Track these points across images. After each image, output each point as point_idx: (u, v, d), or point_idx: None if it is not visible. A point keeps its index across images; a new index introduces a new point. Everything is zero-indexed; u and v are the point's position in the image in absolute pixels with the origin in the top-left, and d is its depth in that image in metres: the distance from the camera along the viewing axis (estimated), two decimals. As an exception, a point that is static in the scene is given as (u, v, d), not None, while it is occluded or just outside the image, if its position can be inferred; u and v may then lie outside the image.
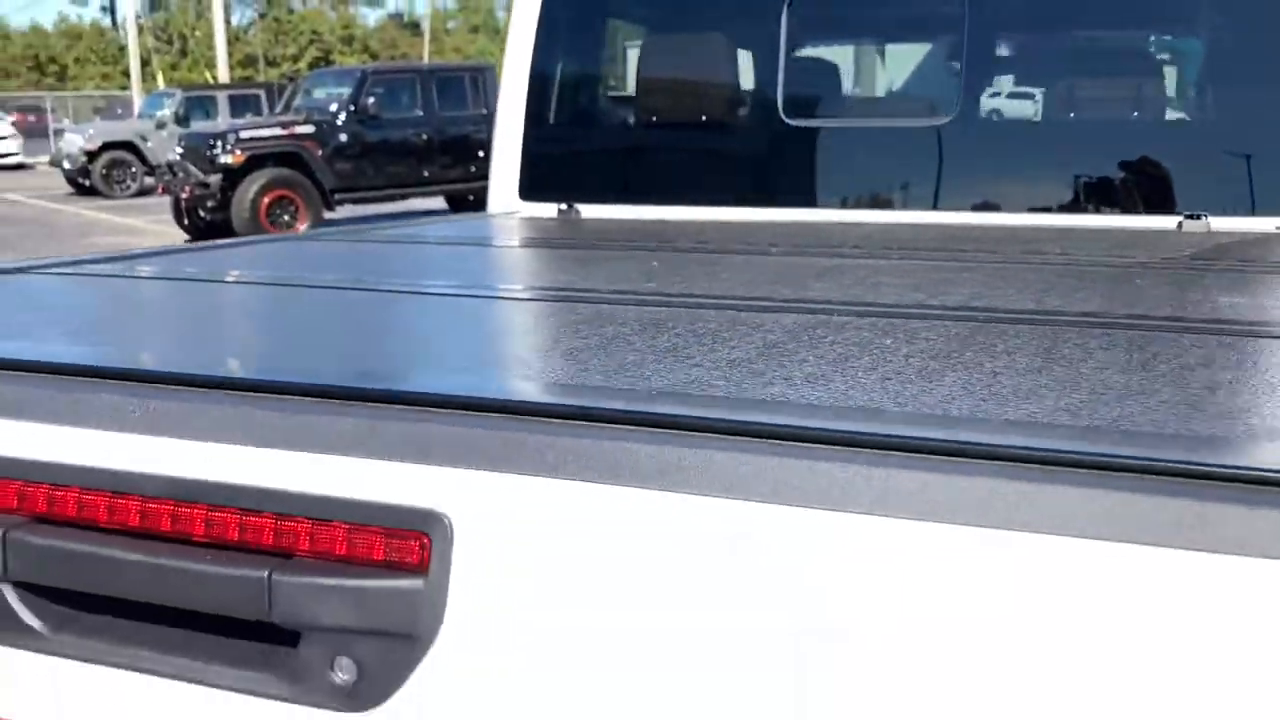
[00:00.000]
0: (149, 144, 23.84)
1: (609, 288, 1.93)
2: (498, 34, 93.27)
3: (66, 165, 24.21)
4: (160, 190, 17.77)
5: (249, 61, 65.23)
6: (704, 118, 3.01)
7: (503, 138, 3.03)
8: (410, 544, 0.84)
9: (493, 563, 0.83)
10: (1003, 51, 2.95)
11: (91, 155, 23.46)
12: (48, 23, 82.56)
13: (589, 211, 2.93)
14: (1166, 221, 2.50)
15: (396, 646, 0.85)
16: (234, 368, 1.22)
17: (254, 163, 15.52)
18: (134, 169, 23.75)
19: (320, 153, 15.84)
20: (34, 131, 39.97)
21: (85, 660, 0.96)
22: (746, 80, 3.02)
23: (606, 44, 3.11)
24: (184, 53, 68.23)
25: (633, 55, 3.18)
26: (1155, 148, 2.66)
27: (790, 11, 2.74)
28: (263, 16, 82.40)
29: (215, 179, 15.46)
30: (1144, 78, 2.85)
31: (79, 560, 0.94)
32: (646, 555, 0.80)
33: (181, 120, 24.65)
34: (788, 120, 2.77)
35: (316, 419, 0.91)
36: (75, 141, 24.24)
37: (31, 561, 0.96)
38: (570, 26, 3.03)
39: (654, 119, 3.05)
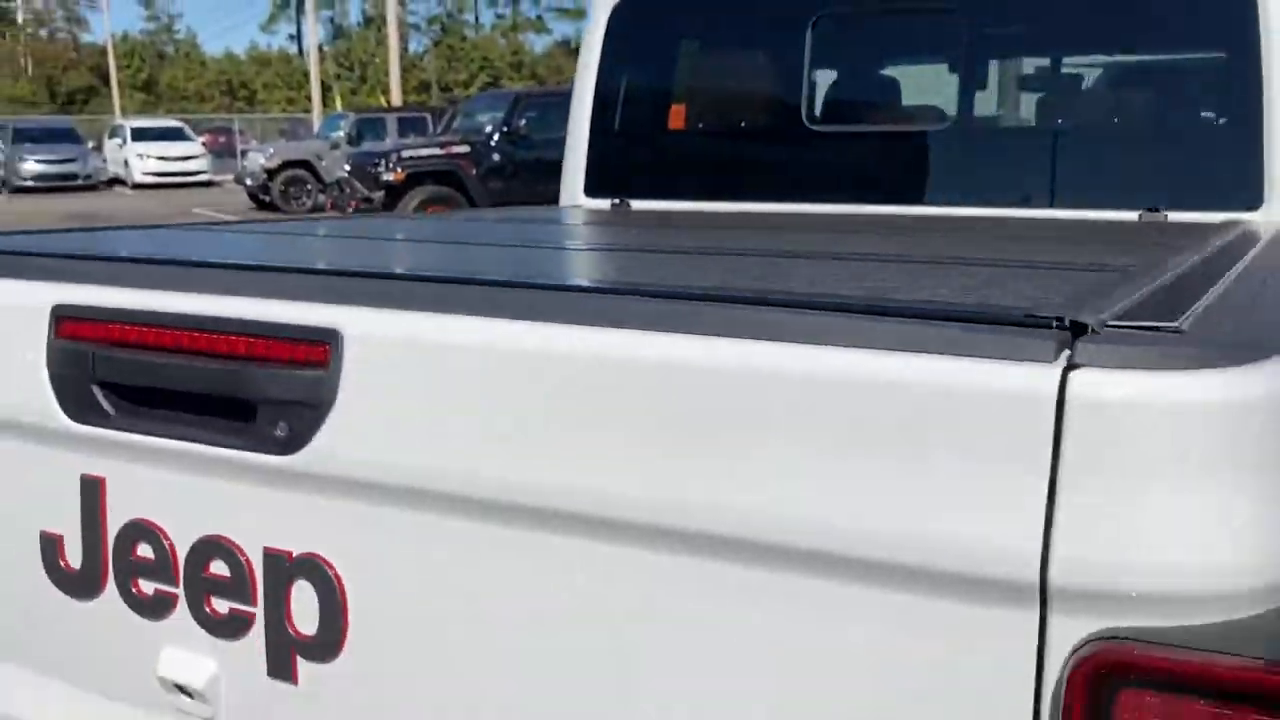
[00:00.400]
0: (324, 163, 25.36)
1: (598, 242, 2.47)
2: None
3: (249, 182, 25.89)
4: (329, 205, 19.02)
5: (423, 87, 68.15)
6: (727, 128, 3.52)
7: (571, 151, 3.61)
8: (320, 349, 1.37)
9: (367, 359, 1.36)
10: (991, 73, 3.36)
11: (271, 173, 25.08)
12: (240, 50, 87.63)
13: (636, 205, 3.47)
14: (1129, 215, 2.87)
15: (311, 412, 1.38)
16: (235, 258, 1.80)
17: (413, 180, 16.51)
18: (309, 186, 25.25)
19: (474, 171, 16.72)
20: (223, 151, 42.84)
21: (140, 433, 1.52)
22: (766, 94, 3.49)
23: (648, 77, 3.62)
24: (363, 78, 71.72)
25: (670, 84, 3.70)
26: (1122, 152, 3.02)
27: (812, 37, 3.21)
28: (437, 44, 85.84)
29: (378, 195, 16.52)
30: (1115, 95, 3.22)
31: (138, 366, 1.50)
32: (460, 357, 1.31)
33: (354, 141, 26.14)
34: (816, 132, 3.25)
35: (276, 280, 1.48)
36: (257, 160, 25.96)
37: (110, 368, 1.52)
38: (622, 66, 3.57)
39: (683, 135, 3.58)
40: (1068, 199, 2.95)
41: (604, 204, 3.52)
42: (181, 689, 1.54)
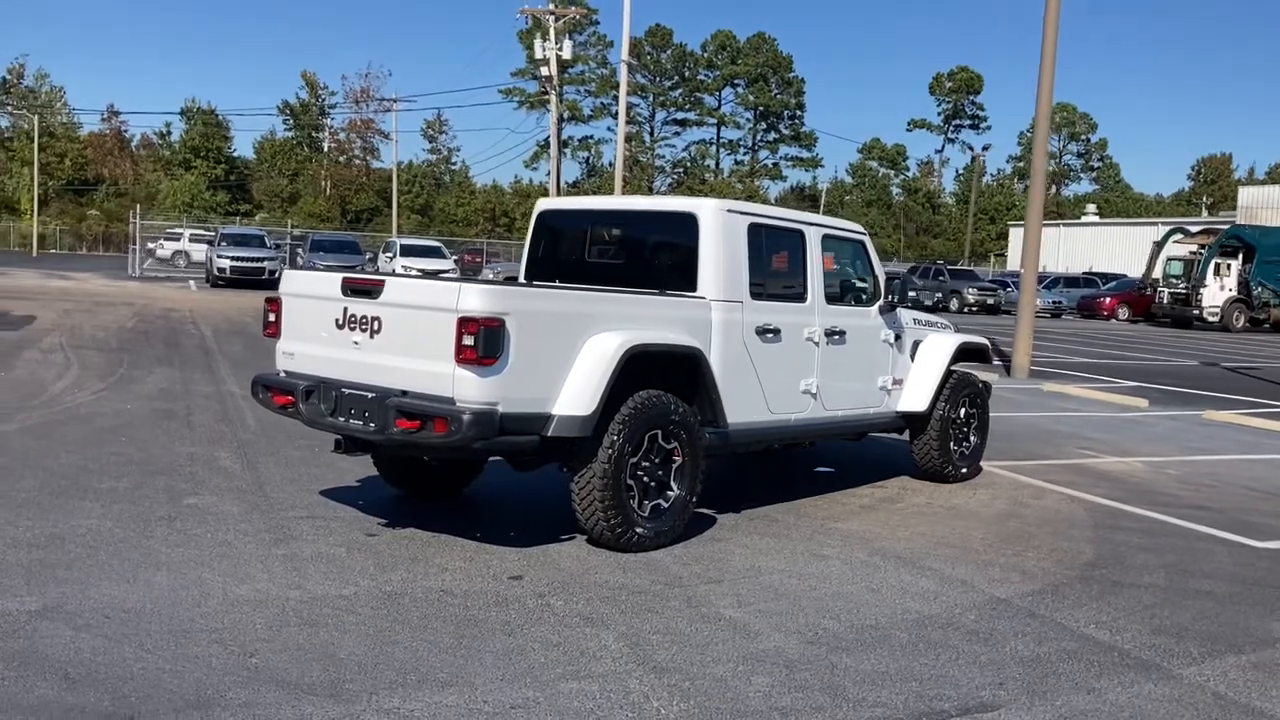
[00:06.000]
0: (540, 280, 31.40)
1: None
2: (889, 208, 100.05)
3: (481, 292, 32.24)
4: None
5: (659, 222, 74.88)
6: (565, 262, 8.37)
7: (522, 267, 8.68)
8: None
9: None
10: (620, 252, 8.24)
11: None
12: (505, 183, 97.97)
13: (536, 283, 8.56)
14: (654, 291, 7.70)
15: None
16: None
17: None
18: (527, 298, 31.27)
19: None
20: (476, 268, 50.53)
21: (350, 296, 6.67)
22: (576, 249, 8.32)
23: (546, 241, 8.50)
24: (607, 212, 79.54)
25: (550, 244, 8.61)
26: (657, 275, 7.68)
27: (589, 241, 8.24)
28: (678, 185, 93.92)
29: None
30: (646, 259, 7.98)
31: (359, 286, 6.68)
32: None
33: (566, 264, 32.01)
34: (588, 261, 8.26)
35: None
36: (488, 275, 32.36)
37: (351, 284, 6.68)
38: (538, 236, 8.45)
39: (555, 263, 8.49)
40: (646, 285, 7.66)
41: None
42: (355, 345, 6.45)
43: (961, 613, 5.70)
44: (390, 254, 39.35)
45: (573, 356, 6.18)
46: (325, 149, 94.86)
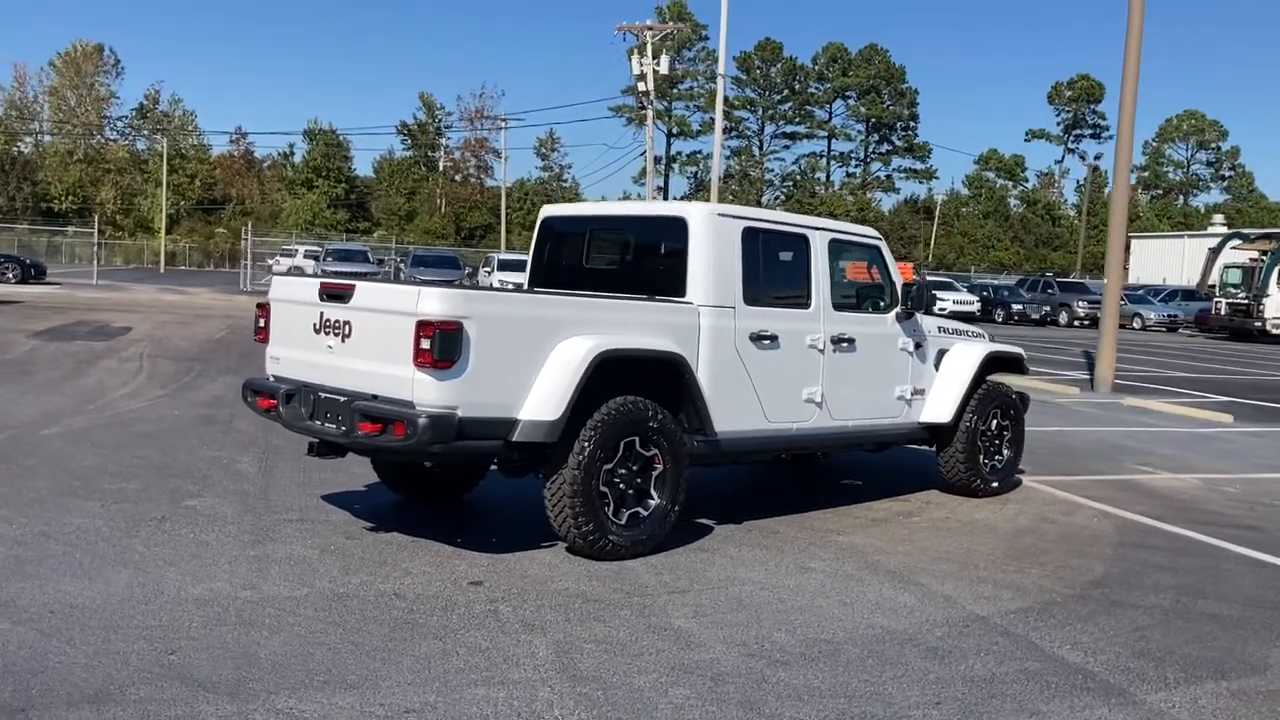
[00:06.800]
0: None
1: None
2: (1007, 219, 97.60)
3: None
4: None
5: (766, 236, 74.44)
6: (565, 266, 8.33)
7: (527, 273, 8.65)
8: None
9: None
10: (615, 257, 8.16)
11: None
12: (614, 198, 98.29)
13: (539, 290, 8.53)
14: (644, 297, 7.60)
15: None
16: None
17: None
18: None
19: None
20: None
21: (342, 306, 6.73)
22: (575, 256, 8.26)
23: (549, 248, 8.44)
24: (714, 227, 79.50)
25: (553, 251, 8.58)
26: (645, 280, 7.61)
27: (588, 246, 8.18)
28: (788, 199, 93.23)
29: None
30: (640, 264, 7.90)
31: (332, 289, 6.73)
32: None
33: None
34: (586, 267, 8.20)
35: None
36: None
37: (327, 288, 6.75)
38: (541, 244, 8.42)
39: (556, 271, 8.47)
40: (641, 290, 7.56)
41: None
42: (329, 349, 6.54)
43: (929, 629, 5.45)
44: (489, 268, 39.96)
45: (541, 361, 6.11)
46: (441, 168, 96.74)
